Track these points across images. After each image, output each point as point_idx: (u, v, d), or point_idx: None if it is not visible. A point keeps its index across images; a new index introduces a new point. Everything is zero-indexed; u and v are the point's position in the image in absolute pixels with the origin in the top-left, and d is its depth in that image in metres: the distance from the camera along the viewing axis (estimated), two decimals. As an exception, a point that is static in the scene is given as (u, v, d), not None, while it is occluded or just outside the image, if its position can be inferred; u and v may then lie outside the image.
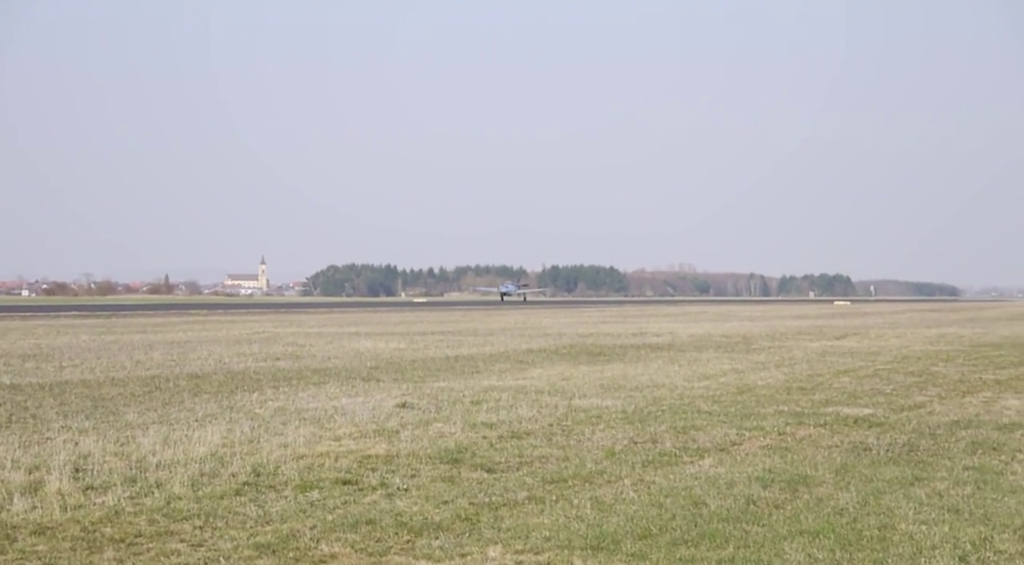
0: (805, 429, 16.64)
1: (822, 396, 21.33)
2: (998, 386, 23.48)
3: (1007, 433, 16.12)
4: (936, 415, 18.33)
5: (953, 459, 13.84)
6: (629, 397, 21.09)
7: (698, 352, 35.58)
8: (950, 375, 26.29)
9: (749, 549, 9.55)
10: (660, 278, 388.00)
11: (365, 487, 12.18)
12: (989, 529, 10.15)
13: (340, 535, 10.08)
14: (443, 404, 19.82)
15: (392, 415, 18.20)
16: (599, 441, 15.39)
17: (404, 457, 13.99)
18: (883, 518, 10.59)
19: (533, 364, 30.30)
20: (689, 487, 12.10)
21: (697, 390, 22.51)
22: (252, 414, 18.39)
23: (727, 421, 17.48)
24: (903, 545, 9.63)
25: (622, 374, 26.59)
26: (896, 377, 25.71)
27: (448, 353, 34.76)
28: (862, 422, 17.41)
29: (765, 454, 14.28)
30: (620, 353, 35.15)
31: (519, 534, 10.10)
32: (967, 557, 9.27)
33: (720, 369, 28.20)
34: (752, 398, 20.94)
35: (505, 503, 11.36)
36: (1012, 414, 18.45)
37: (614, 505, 11.22)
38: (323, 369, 28.08)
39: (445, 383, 24.22)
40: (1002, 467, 13.32)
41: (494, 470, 13.22)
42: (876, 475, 12.75)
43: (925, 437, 15.73)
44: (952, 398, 21.03)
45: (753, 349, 37.46)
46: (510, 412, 18.51)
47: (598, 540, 9.85)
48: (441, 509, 11.07)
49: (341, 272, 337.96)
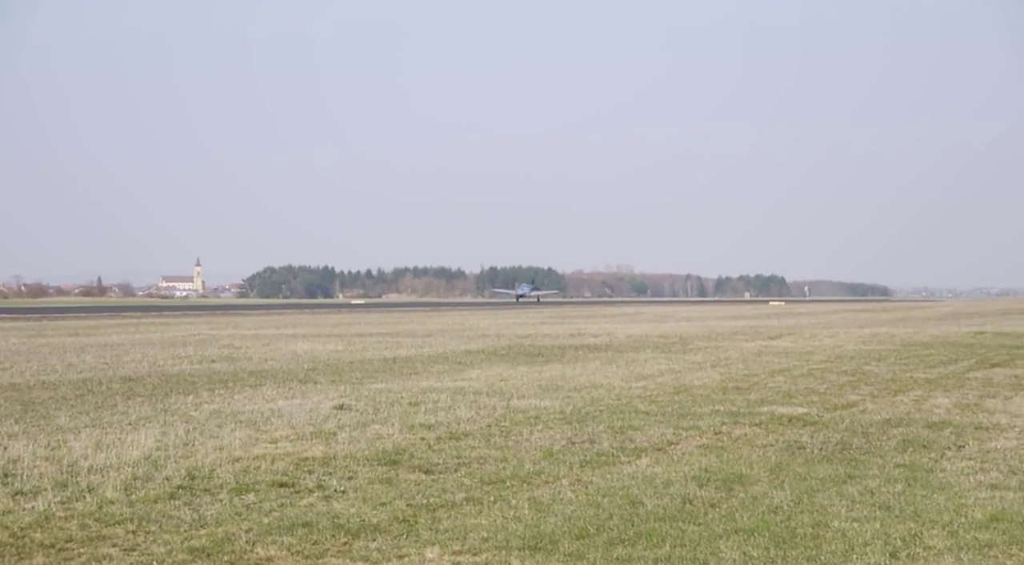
0: (741, 428, 16.81)
1: (757, 395, 21.55)
2: (928, 385, 23.87)
3: (936, 431, 16.40)
4: (868, 414, 18.59)
5: (884, 457, 14.06)
6: (567, 398, 21.16)
7: (636, 352, 35.79)
8: (882, 374, 26.68)
9: (685, 548, 9.62)
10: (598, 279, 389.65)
11: (302, 489, 12.09)
12: (919, 525, 10.32)
13: (276, 538, 10.00)
14: (381, 406, 19.74)
15: (329, 417, 18.09)
16: (537, 442, 15.42)
17: (341, 459, 13.91)
18: (816, 516, 10.73)
19: (472, 365, 30.28)
20: (626, 487, 12.17)
21: (635, 390, 22.64)
22: (187, 417, 18.18)
23: (664, 421, 17.59)
24: (836, 542, 9.76)
25: (560, 375, 26.66)
26: (830, 376, 26.04)
27: (386, 355, 34.63)
28: (796, 421, 17.61)
29: (701, 453, 14.40)
30: (558, 354, 35.25)
31: (457, 535, 10.09)
32: (897, 553, 9.42)
33: (657, 369, 28.38)
34: (689, 398, 21.10)
35: (443, 504, 11.34)
36: (941, 412, 18.77)
37: (552, 505, 11.25)
38: (259, 371, 27.83)
39: (383, 384, 24.13)
40: (932, 464, 13.54)
41: (432, 471, 13.19)
42: (810, 473, 12.91)
43: (857, 435, 15.95)
44: (884, 397, 21.35)
45: (690, 349, 37.76)
46: (448, 413, 18.49)
47: (536, 540, 9.86)
48: (378, 511, 11.03)
49: (278, 274, 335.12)
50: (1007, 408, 19.30)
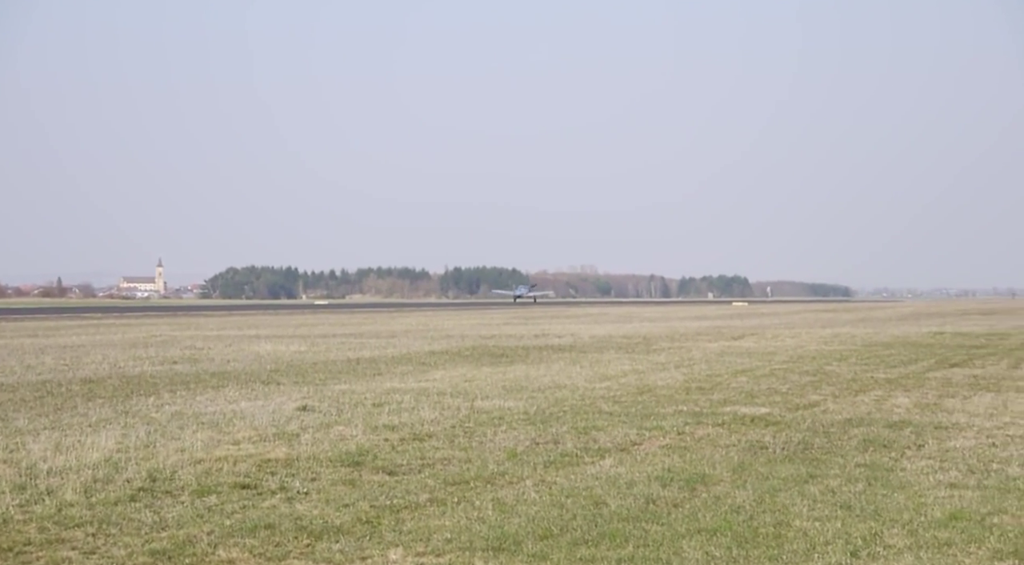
0: (704, 428, 16.88)
1: (720, 396, 21.66)
2: (889, 384, 24.08)
3: (897, 430, 16.54)
4: (830, 413, 18.73)
5: (846, 457, 14.16)
6: (531, 398, 21.17)
7: (599, 353, 35.86)
8: (843, 374, 26.89)
9: (648, 548, 9.65)
10: (562, 280, 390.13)
11: (264, 491, 12.02)
12: (879, 524, 10.40)
13: (238, 540, 9.94)
14: (344, 407, 19.67)
15: (292, 418, 18.00)
16: (501, 442, 15.42)
17: (304, 460, 13.85)
18: (778, 515, 10.79)
19: (435, 366, 30.24)
20: (590, 487, 12.19)
21: (598, 391, 22.69)
22: (148, 419, 18.04)
23: (628, 421, 17.64)
24: (797, 541, 9.83)
25: (524, 375, 26.67)
26: (792, 376, 26.21)
27: (350, 355, 34.52)
28: (759, 421, 17.71)
29: (665, 454, 14.45)
30: (522, 354, 35.27)
31: (420, 536, 10.07)
32: (858, 552, 9.49)
33: (621, 370, 28.46)
34: (652, 398, 21.17)
35: (406, 505, 11.32)
36: (902, 412, 18.94)
37: (516, 506, 11.25)
38: (222, 372, 27.66)
39: (346, 385, 24.04)
40: (892, 464, 13.66)
41: (396, 473, 13.16)
42: (772, 473, 12.98)
43: (819, 435, 16.06)
44: (845, 397, 21.52)
45: (653, 350, 37.89)
46: (412, 414, 18.45)
47: (499, 541, 9.86)
48: (341, 512, 10.99)
49: (241, 274, 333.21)
50: (966, 408, 19.50)
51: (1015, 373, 27.02)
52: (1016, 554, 9.37)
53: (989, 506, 11.12)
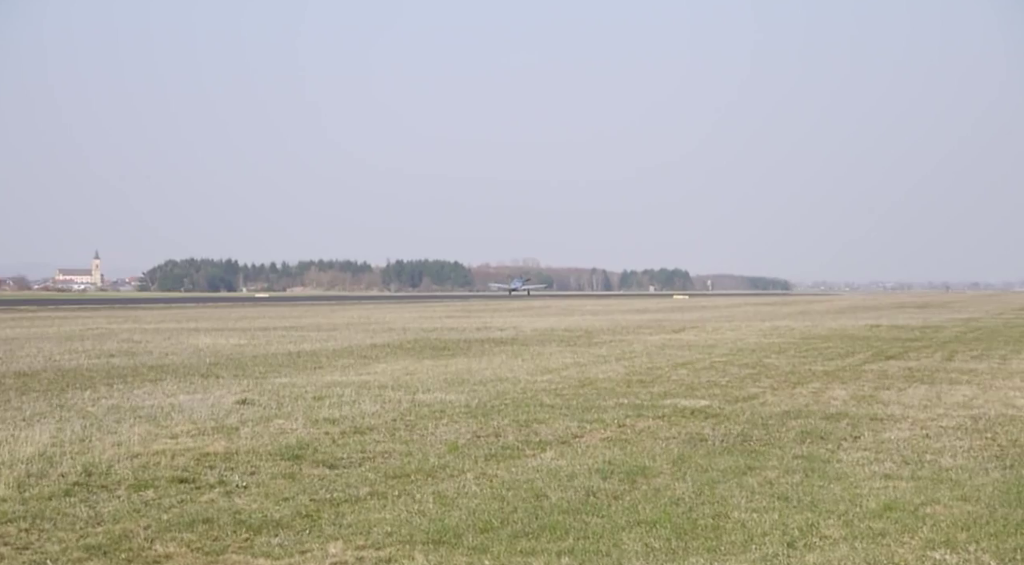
0: (644, 421, 16.97)
1: (661, 388, 21.80)
2: (826, 377, 24.37)
3: (834, 422, 16.75)
4: (768, 406, 18.91)
5: (783, 448, 14.31)
6: (473, 391, 21.16)
7: (541, 346, 35.94)
8: (782, 367, 27.17)
9: (588, 540, 9.69)
10: (505, 273, 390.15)
11: (203, 485, 11.91)
12: (816, 515, 10.53)
13: (175, 534, 9.83)
14: (285, 400, 19.53)
15: (232, 412, 17.84)
16: (442, 435, 15.40)
17: (244, 454, 13.74)
18: (717, 507, 10.88)
19: (377, 359, 30.13)
20: (531, 480, 12.21)
21: (540, 384, 22.74)
22: (84, 412, 17.78)
23: (569, 414, 17.70)
24: (735, 532, 9.92)
25: (466, 368, 26.66)
26: (731, 369, 26.44)
27: (290, 348, 34.29)
28: (699, 413, 17.85)
29: (605, 446, 14.52)
30: (464, 347, 35.25)
31: (360, 530, 10.03)
32: (795, 543, 9.60)
33: (562, 363, 28.54)
34: (593, 391, 21.26)
35: (347, 499, 11.27)
36: (838, 404, 19.18)
37: (456, 499, 11.25)
38: (160, 366, 27.36)
39: (287, 379, 23.88)
40: (829, 455, 13.83)
41: (336, 466, 13.09)
42: (711, 465, 13.09)
43: (758, 427, 16.22)
44: (783, 389, 21.75)
45: (595, 343, 38.04)
46: (353, 407, 18.37)
47: (440, 534, 9.85)
48: (281, 506, 10.91)
49: (180, 267, 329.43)
50: (901, 399, 19.79)
51: (949, 365, 27.48)
52: (948, 544, 9.53)
53: (922, 497, 11.30)
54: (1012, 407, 18.62)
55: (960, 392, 20.97)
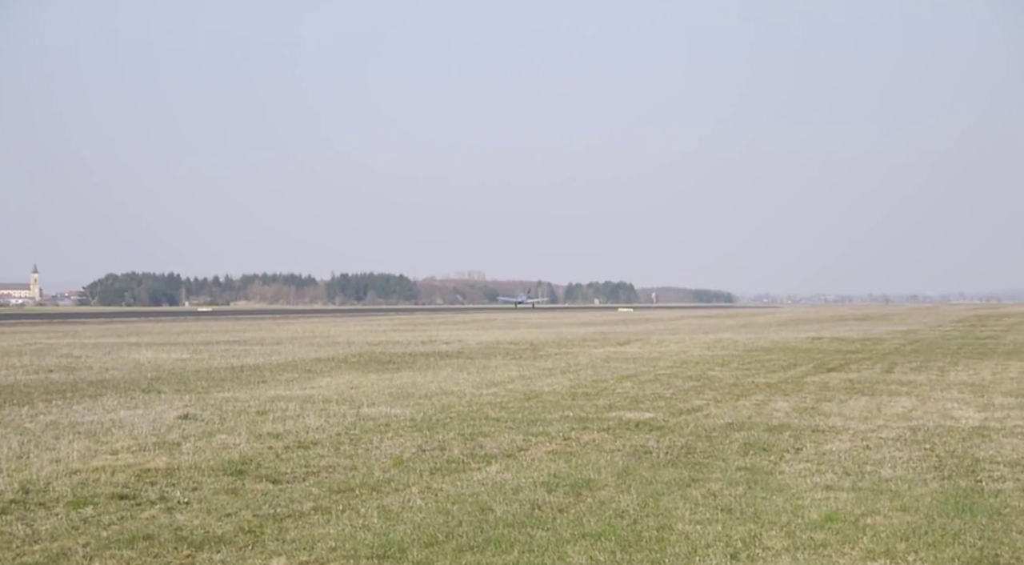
0: (589, 434, 17.02)
1: (606, 401, 21.87)
2: (769, 389, 24.59)
3: (776, 434, 16.90)
4: (712, 418, 19.04)
5: (727, 460, 14.41)
6: (418, 405, 21.11)
7: (487, 359, 35.92)
8: (725, 379, 27.38)
9: (533, 553, 9.69)
10: (450, 286, 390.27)
11: (143, 502, 11.76)
12: (759, 527, 10.61)
13: (115, 552, 9.70)
14: (227, 415, 19.35)
15: (173, 427, 17.65)
16: (387, 449, 15.34)
17: (186, 470, 13.59)
18: (661, 519, 10.94)
19: (321, 373, 29.95)
20: (476, 493, 12.20)
21: (485, 397, 22.72)
22: (21, 429, 17.49)
23: (514, 427, 17.70)
24: (679, 544, 9.97)
25: (411, 382, 26.58)
26: (675, 381, 26.59)
27: (233, 363, 33.98)
28: (643, 426, 17.93)
29: (550, 459, 14.53)
30: (409, 361, 35.14)
31: (304, 545, 9.95)
32: (738, 554, 9.67)
33: (508, 376, 28.55)
34: (539, 404, 21.28)
35: (290, 514, 11.18)
36: (781, 416, 19.36)
37: (401, 513, 11.20)
38: (100, 381, 26.98)
39: (230, 393, 23.66)
40: (771, 467, 13.95)
41: (279, 481, 12.99)
42: (656, 477, 13.15)
43: (701, 439, 16.32)
44: (727, 401, 21.91)
45: (540, 356, 38.09)
46: (297, 422, 18.24)
47: (384, 549, 9.81)
48: (224, 522, 10.80)
49: (120, 281, 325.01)
50: (842, 411, 20.02)
51: (888, 377, 27.84)
52: (888, 554, 9.65)
53: (863, 507, 11.43)
54: (950, 418, 18.90)
55: (899, 404, 21.25)
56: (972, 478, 13.10)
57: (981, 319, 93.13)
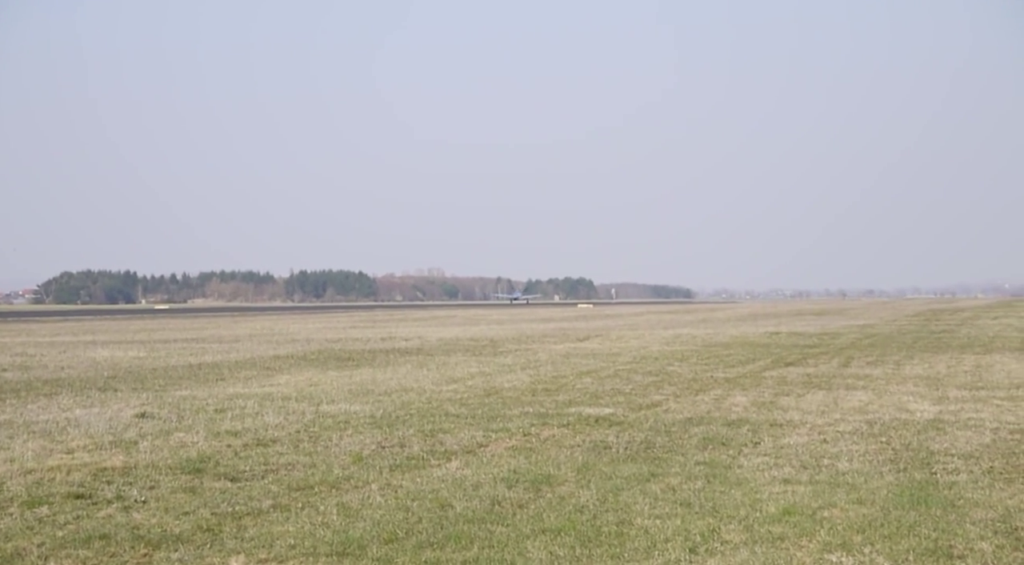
0: (549, 429, 17.05)
1: (566, 397, 21.91)
2: (727, 384, 24.73)
3: (735, 428, 17.01)
4: (671, 413, 19.13)
5: (686, 455, 14.49)
6: (378, 402, 21.05)
7: (447, 356, 35.89)
8: (684, 374, 27.51)
9: (493, 549, 9.70)
10: (409, 283, 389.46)
11: (100, 501, 11.65)
12: (717, 521, 10.67)
13: (71, 551, 9.60)
14: (185, 413, 19.21)
15: (130, 425, 17.49)
16: (347, 446, 15.29)
17: (143, 468, 13.48)
18: (621, 514, 10.98)
19: (280, 370, 29.80)
20: (436, 490, 12.19)
21: (445, 393, 22.70)
22: (-25, 428, 17.26)
23: (474, 423, 17.70)
24: (639, 539, 10.01)
25: (371, 379, 26.51)
26: (635, 377, 26.69)
27: (191, 361, 33.74)
28: (603, 421, 17.98)
29: (510, 455, 14.55)
30: (369, 358, 35.04)
31: (263, 543, 9.91)
32: (697, 548, 9.72)
33: (468, 372, 28.54)
34: (499, 400, 21.29)
35: (249, 512, 11.12)
36: (739, 410, 19.48)
37: (361, 510, 11.17)
38: (55, 380, 26.70)
39: (188, 391, 23.49)
40: (730, 461, 14.03)
41: (238, 479, 12.91)
42: (615, 472, 13.20)
43: (661, 434, 16.39)
44: (686, 396, 22.01)
45: (500, 352, 38.10)
46: (256, 419, 18.14)
47: (344, 546, 9.78)
48: (181, 520, 10.73)
49: (76, 279, 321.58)
50: (799, 405, 20.18)
51: (845, 371, 28.09)
52: (844, 546, 9.74)
53: (820, 500, 11.53)
54: (905, 411, 19.11)
55: (856, 397, 21.45)
56: (927, 470, 13.25)
57: (936, 313, 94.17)
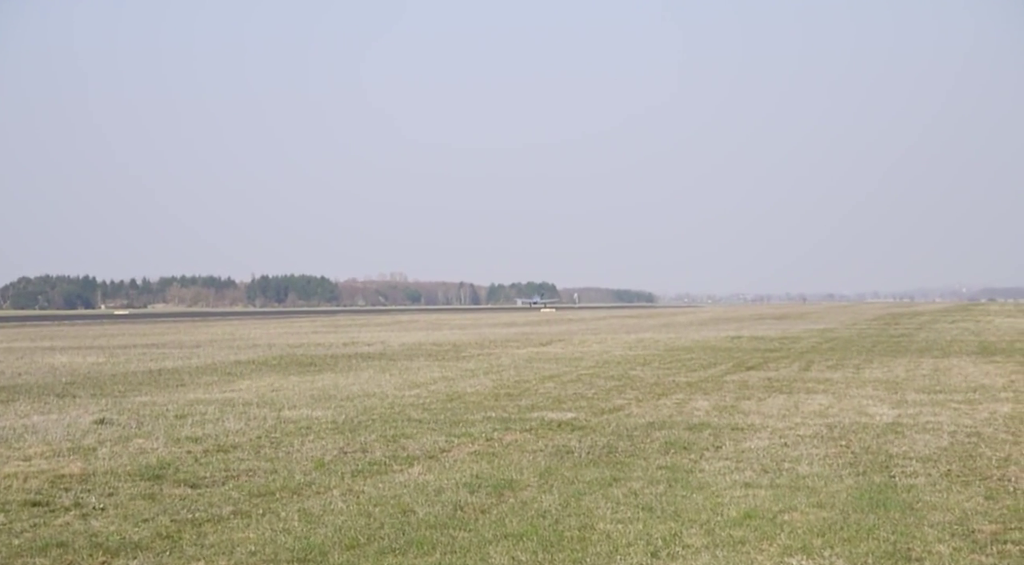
0: (512, 434, 17.05)
1: (528, 401, 21.92)
2: (689, 388, 24.83)
3: (696, 433, 17.07)
4: (633, 417, 19.18)
5: (648, 459, 14.53)
6: (340, 407, 20.97)
7: (409, 361, 35.82)
8: (647, 378, 27.59)
9: (455, 554, 9.68)
10: (372, 288, 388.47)
11: (57, 508, 11.53)
12: (679, 525, 10.71)
13: (28, 560, 9.49)
14: (145, 419, 19.05)
15: (89, 432, 17.33)
16: (308, 452, 15.22)
17: (101, 475, 13.35)
18: (583, 518, 10.99)
19: (242, 376, 29.62)
20: (398, 495, 12.15)
21: (408, 398, 22.65)
22: (-70, 435, 17.03)
23: (437, 428, 17.67)
24: (601, 544, 10.02)
25: (333, 384, 26.41)
26: (597, 381, 26.75)
27: (151, 366, 33.46)
28: (565, 426, 18.00)
29: (473, 460, 14.53)
30: (331, 363, 34.90)
31: (223, 550, 9.84)
32: (658, 552, 9.75)
33: (431, 377, 28.49)
34: (461, 405, 21.27)
35: (209, 519, 11.04)
36: (701, 414, 19.57)
37: (322, 516, 11.12)
38: (12, 386, 26.39)
39: (148, 397, 23.29)
40: (691, 465, 14.09)
41: (199, 485, 12.82)
42: (577, 477, 13.21)
43: (623, 439, 16.43)
44: (648, 400, 22.08)
45: (463, 357, 38.07)
46: (216, 425, 18.02)
47: (305, 552, 9.73)
48: (140, 527, 10.64)
49: (34, 284, 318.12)
50: (760, 409, 20.29)
51: (806, 375, 28.28)
52: (804, 550, 9.80)
53: (780, 504, 11.60)
54: (865, 415, 19.26)
55: (816, 401, 21.61)
56: (886, 474, 13.36)
57: (895, 317, 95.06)
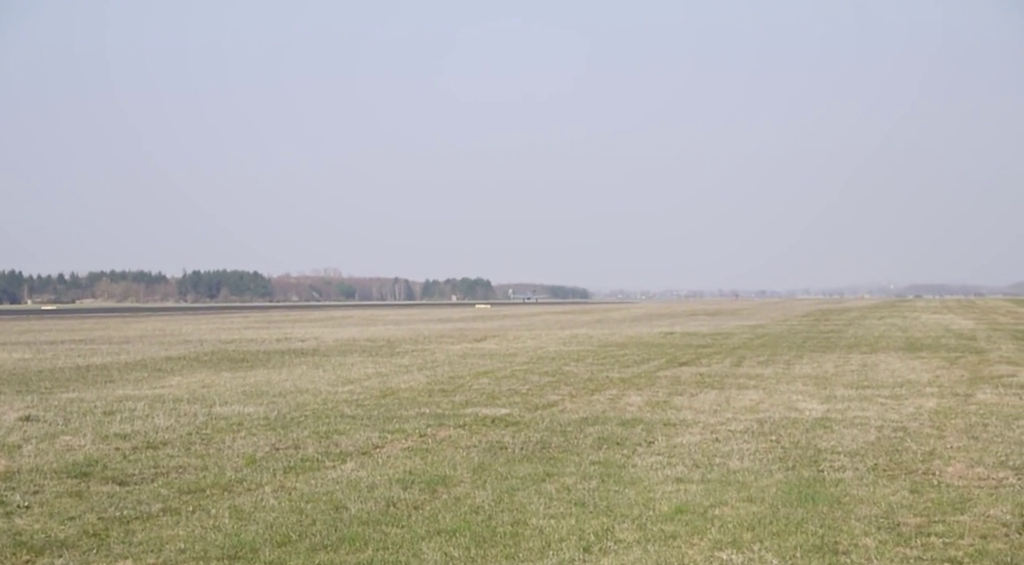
0: (445, 430, 17.03)
1: (462, 397, 21.91)
2: (623, 384, 24.97)
3: (629, 428, 17.18)
4: (567, 413, 19.26)
5: (581, 455, 14.59)
6: (272, 403, 20.80)
7: (343, 356, 35.62)
8: (580, 374, 27.71)
9: (388, 551, 9.65)
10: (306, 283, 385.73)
11: (-20, 507, 11.30)
12: (611, 520, 10.77)
13: (-50, 561, 9.30)
14: (72, 416, 18.74)
15: (14, 429, 17.01)
16: (240, 449, 15.08)
17: (26, 473, 13.12)
18: (516, 514, 11.01)
19: (172, 372, 29.26)
20: (331, 492, 12.08)
21: (341, 394, 22.53)
22: None
23: (370, 424, 17.60)
24: (534, 539, 10.05)
25: (265, 380, 26.18)
26: (532, 377, 26.80)
27: (79, 362, 32.93)
28: (499, 422, 18.02)
29: (406, 456, 14.50)
30: (264, 359, 34.61)
31: (152, 548, 9.71)
32: (591, 547, 9.80)
33: (364, 373, 28.37)
34: (395, 401, 21.20)
35: (138, 516, 10.89)
36: (634, 410, 19.69)
37: (253, 513, 11.03)
38: (-65, 381, 25.82)
39: (75, 394, 22.92)
40: (624, 461, 14.17)
41: (127, 483, 12.65)
42: (511, 473, 13.23)
43: (557, 434, 16.48)
44: (582, 396, 22.17)
45: (397, 352, 37.94)
46: (146, 422, 17.78)
47: (235, 549, 9.63)
48: (66, 526, 10.46)
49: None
50: (692, 404, 20.47)
51: (737, 371, 28.58)
52: (734, 544, 9.90)
53: (711, 499, 11.71)
54: (794, 410, 19.51)
55: (747, 396, 21.84)
56: (815, 468, 13.54)
57: (825, 314, 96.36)
